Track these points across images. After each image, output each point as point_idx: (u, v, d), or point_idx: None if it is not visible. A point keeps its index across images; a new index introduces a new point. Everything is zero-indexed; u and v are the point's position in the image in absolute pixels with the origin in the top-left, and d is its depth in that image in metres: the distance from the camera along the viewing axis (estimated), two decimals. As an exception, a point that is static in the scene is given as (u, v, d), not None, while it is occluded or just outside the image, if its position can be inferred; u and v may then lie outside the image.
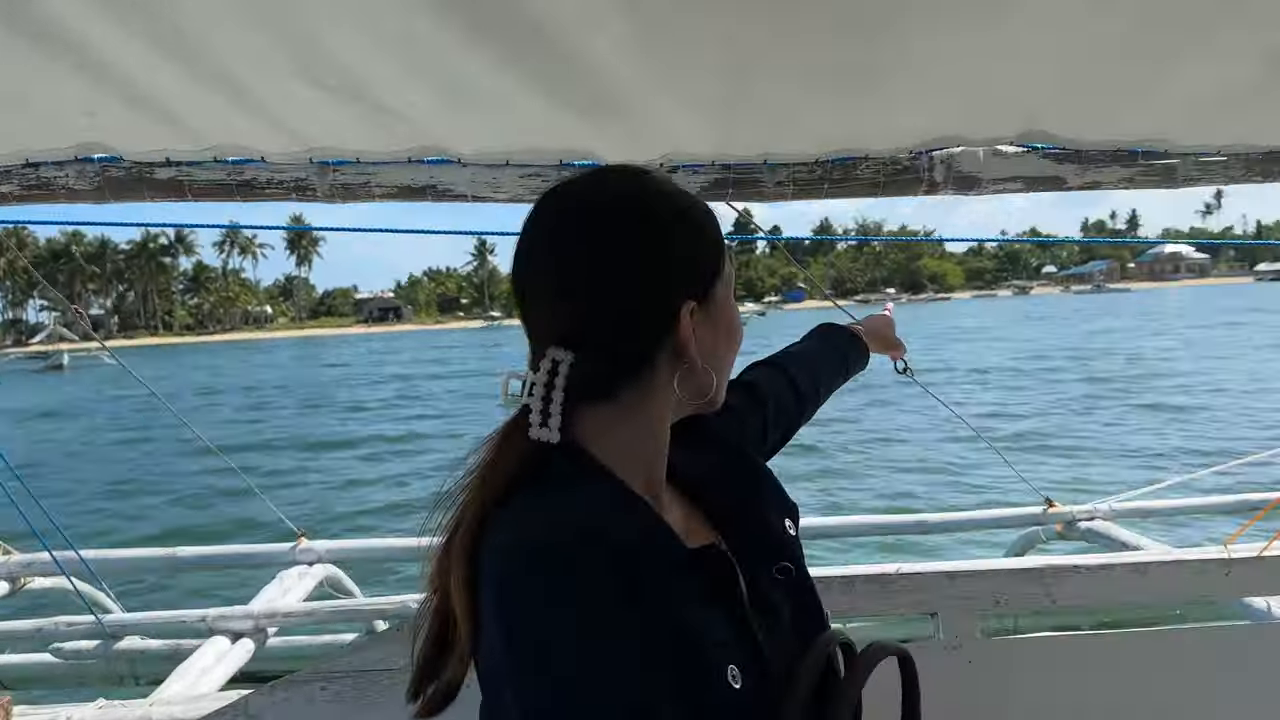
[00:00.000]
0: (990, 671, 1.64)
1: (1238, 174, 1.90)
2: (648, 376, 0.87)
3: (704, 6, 1.29)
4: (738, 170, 1.84)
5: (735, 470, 1.05)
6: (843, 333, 1.58)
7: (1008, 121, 1.75)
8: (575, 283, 0.86)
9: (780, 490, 1.07)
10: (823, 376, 1.45)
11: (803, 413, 1.37)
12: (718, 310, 0.92)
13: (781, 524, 1.02)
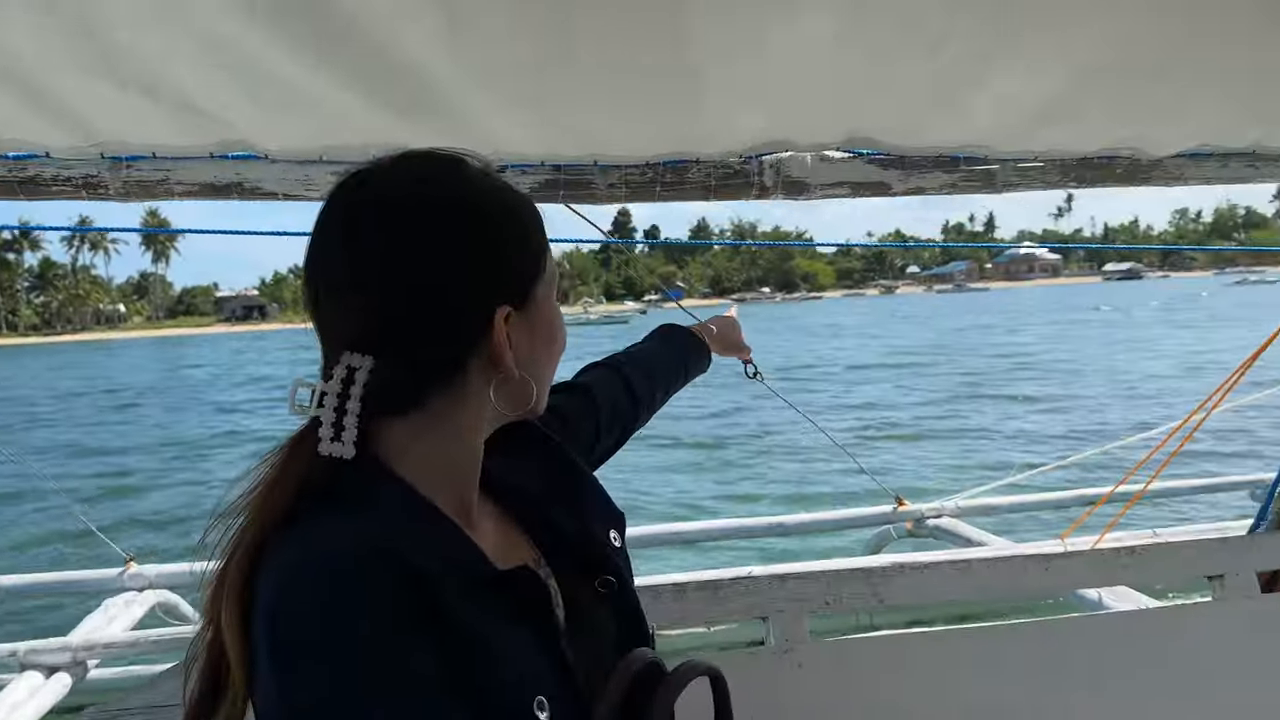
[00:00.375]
0: (820, 674, 1.64)
1: (1054, 180, 1.97)
2: (458, 385, 0.81)
3: (517, 3, 1.24)
4: (569, 171, 1.79)
5: (558, 480, 1.00)
6: (684, 335, 1.55)
7: (833, 127, 1.77)
8: (370, 280, 0.78)
9: (605, 500, 1.03)
10: (661, 379, 1.41)
11: (638, 416, 1.34)
12: (537, 314, 0.86)
13: (606, 535, 0.98)
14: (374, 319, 0.78)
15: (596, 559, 0.94)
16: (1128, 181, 1.96)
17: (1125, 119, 1.79)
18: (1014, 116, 1.76)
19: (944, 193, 1.94)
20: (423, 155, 0.87)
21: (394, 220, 0.79)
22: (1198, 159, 1.95)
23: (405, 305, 0.78)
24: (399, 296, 0.78)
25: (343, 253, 0.80)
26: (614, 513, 1.02)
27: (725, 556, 5.22)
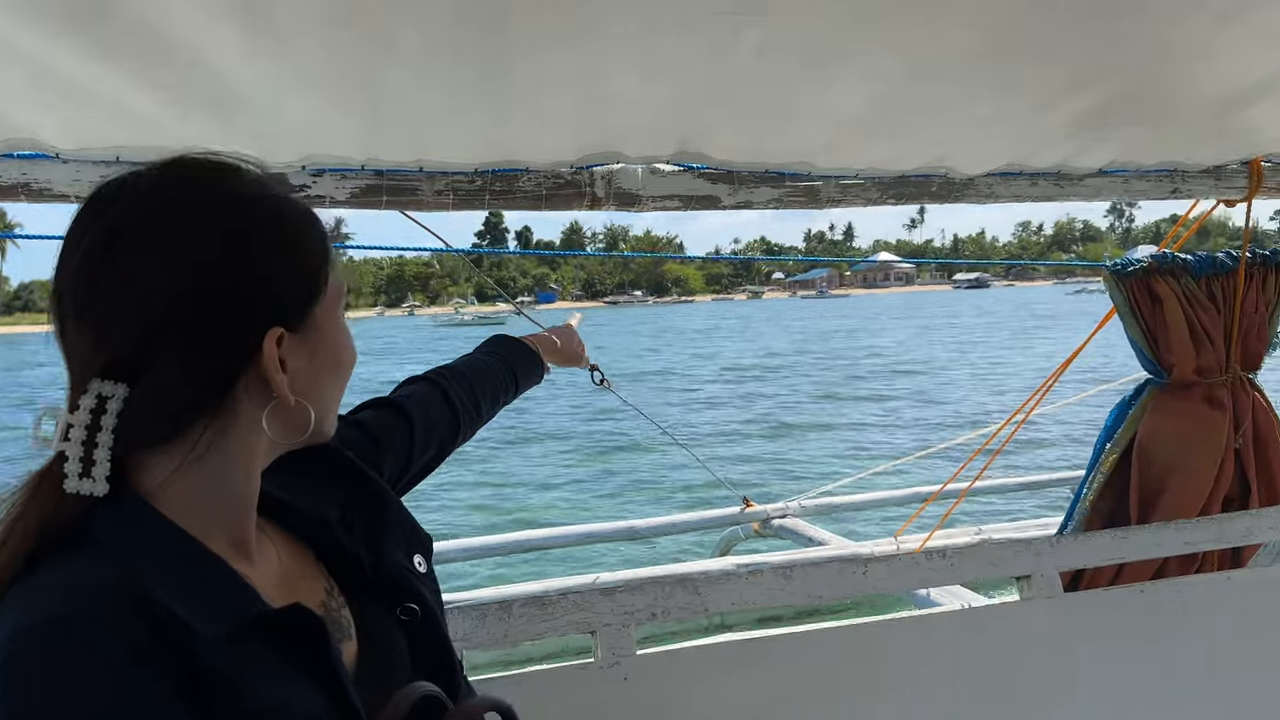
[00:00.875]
0: (647, 686, 1.64)
1: (874, 196, 2.04)
2: (225, 413, 0.75)
3: (329, 5, 1.18)
4: (392, 177, 1.74)
5: (359, 506, 0.95)
6: (515, 346, 1.51)
7: (662, 141, 1.78)
8: (123, 299, 0.71)
9: (410, 525, 0.99)
10: (486, 392, 1.37)
11: (459, 430, 1.29)
12: (318, 336, 0.80)
13: (410, 561, 0.94)
14: (126, 342, 0.71)
15: (397, 586, 0.91)
16: (943, 199, 2.06)
17: (938, 140, 1.88)
18: (835, 136, 1.82)
19: (771, 207, 1.99)
20: (189, 163, 0.79)
21: (149, 235, 0.72)
22: (1007, 178, 2.07)
23: (160, 327, 0.71)
24: (153, 318, 0.71)
25: (92, 269, 0.72)
26: (420, 538, 0.98)
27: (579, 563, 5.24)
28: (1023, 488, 4.66)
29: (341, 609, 0.86)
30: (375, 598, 0.89)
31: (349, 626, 0.85)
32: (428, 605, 0.92)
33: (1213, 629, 1.90)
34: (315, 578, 0.87)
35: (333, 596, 0.86)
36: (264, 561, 0.81)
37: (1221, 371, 2.15)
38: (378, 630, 0.87)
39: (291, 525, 0.89)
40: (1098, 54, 1.53)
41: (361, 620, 0.87)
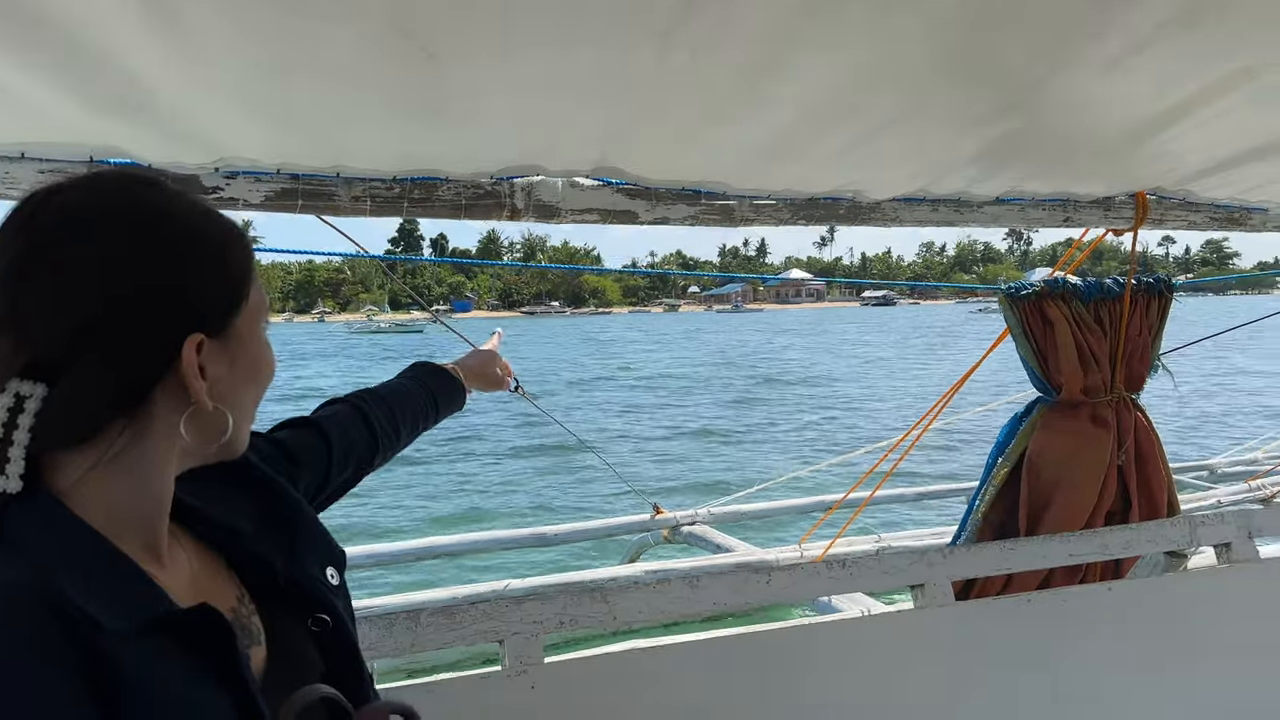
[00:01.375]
0: (554, 694, 1.65)
1: (786, 217, 2.11)
2: (142, 416, 0.76)
3: (240, 4, 1.17)
4: (308, 181, 1.72)
5: (274, 518, 0.96)
6: (436, 373, 1.54)
7: (582, 156, 1.80)
8: (46, 306, 0.73)
9: (325, 538, 1.00)
10: (406, 416, 1.39)
11: (378, 452, 1.31)
12: (239, 346, 0.83)
13: (322, 573, 0.95)
14: (47, 345, 0.72)
15: (309, 597, 0.92)
16: (850, 221, 2.14)
17: (847, 167, 1.95)
18: (749, 159, 1.88)
19: (687, 224, 2.03)
20: (115, 174, 0.83)
21: (73, 244, 0.74)
22: (911, 203, 2.16)
23: (81, 330, 0.73)
24: (75, 323, 0.73)
25: (17, 275, 0.74)
26: (334, 551, 1.00)
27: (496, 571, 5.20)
28: (921, 498, 4.84)
29: (252, 616, 0.87)
30: (287, 608, 0.91)
31: (259, 634, 0.86)
32: (339, 616, 0.93)
33: (1093, 636, 2.02)
34: (226, 585, 0.88)
35: (243, 604, 0.87)
36: (175, 566, 0.82)
37: (1107, 392, 2.28)
38: (288, 639, 0.88)
39: (204, 533, 0.90)
40: (998, 92, 1.62)
41: (272, 629, 0.88)
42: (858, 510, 3.02)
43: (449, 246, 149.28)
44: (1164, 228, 2.33)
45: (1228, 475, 5.47)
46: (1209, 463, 5.81)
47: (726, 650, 1.82)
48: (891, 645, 1.92)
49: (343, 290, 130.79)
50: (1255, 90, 1.68)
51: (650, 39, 1.34)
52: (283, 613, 0.90)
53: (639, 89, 1.51)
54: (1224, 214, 2.37)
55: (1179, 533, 2.18)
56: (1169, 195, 2.29)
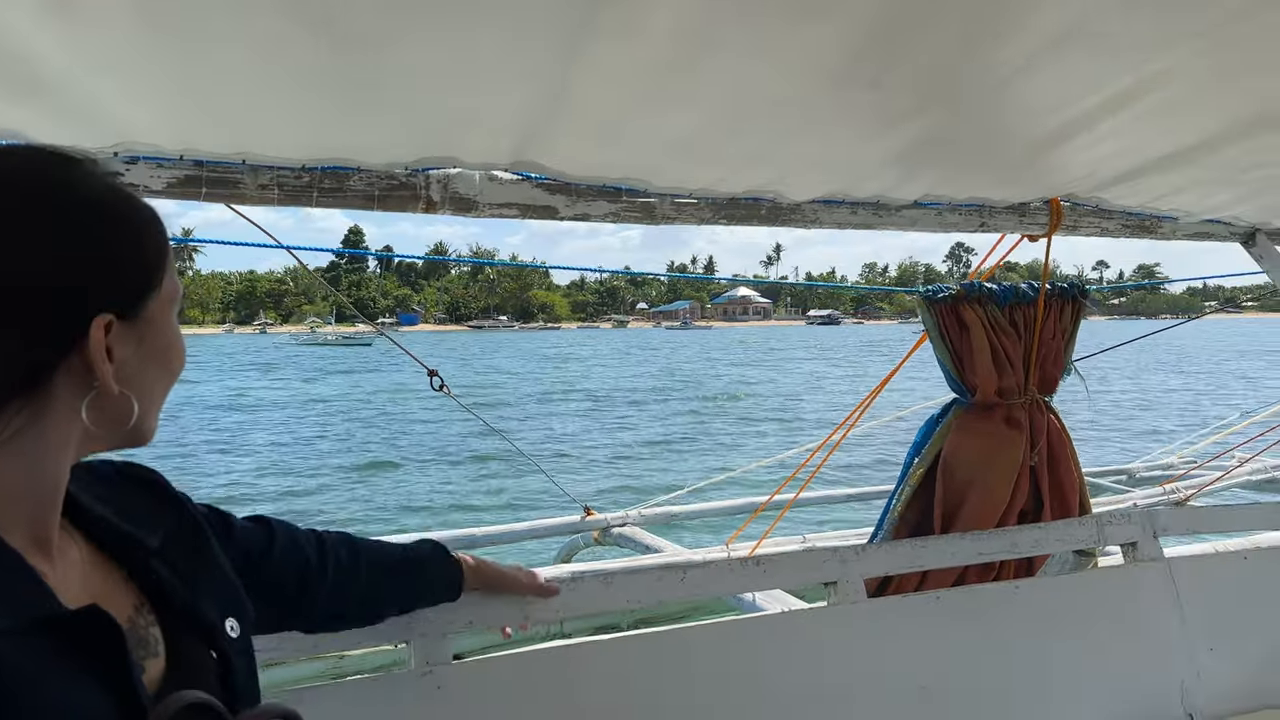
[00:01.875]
0: (460, 695, 1.63)
1: (708, 216, 2.12)
2: (41, 396, 0.74)
3: None
4: (213, 168, 1.68)
5: (179, 542, 0.94)
6: (446, 565, 1.50)
7: (498, 147, 1.79)
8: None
9: (232, 590, 0.98)
10: (383, 593, 1.39)
11: (323, 582, 1.25)
12: (151, 331, 0.81)
13: (221, 621, 0.92)
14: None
15: (207, 633, 0.90)
16: (771, 222, 2.15)
17: (767, 167, 1.97)
18: (668, 156, 1.88)
19: (608, 220, 2.03)
20: (29, 149, 0.82)
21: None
22: (830, 205, 2.18)
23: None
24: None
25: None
26: (241, 606, 0.98)
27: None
28: (848, 499, 4.90)
29: (150, 628, 0.85)
30: (192, 627, 0.89)
31: (157, 645, 0.84)
32: (234, 667, 0.91)
33: (1000, 632, 2.05)
34: (123, 592, 0.85)
35: (141, 615, 0.85)
36: (65, 564, 0.80)
37: (1020, 394, 2.33)
38: (190, 657, 0.86)
39: (106, 540, 0.87)
40: (908, 96, 1.65)
41: (174, 644, 0.86)
42: (783, 510, 3.05)
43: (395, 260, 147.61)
44: (1078, 234, 2.39)
45: (1145, 479, 5.64)
46: (1127, 467, 5.99)
47: (639, 649, 1.81)
48: (805, 642, 1.92)
49: (285, 302, 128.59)
50: (1159, 100, 1.73)
51: (561, 30, 1.33)
52: (187, 632, 0.88)
53: (551, 81, 1.50)
54: (1135, 221, 2.44)
55: (1086, 532, 2.23)
56: (1082, 202, 2.35)
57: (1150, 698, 2.14)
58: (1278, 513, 2.53)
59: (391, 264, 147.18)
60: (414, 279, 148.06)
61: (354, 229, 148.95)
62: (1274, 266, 2.63)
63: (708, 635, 1.86)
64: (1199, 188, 2.24)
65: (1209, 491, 4.84)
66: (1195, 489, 4.81)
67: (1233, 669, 2.22)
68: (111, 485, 0.91)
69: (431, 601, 1.53)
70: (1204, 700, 2.17)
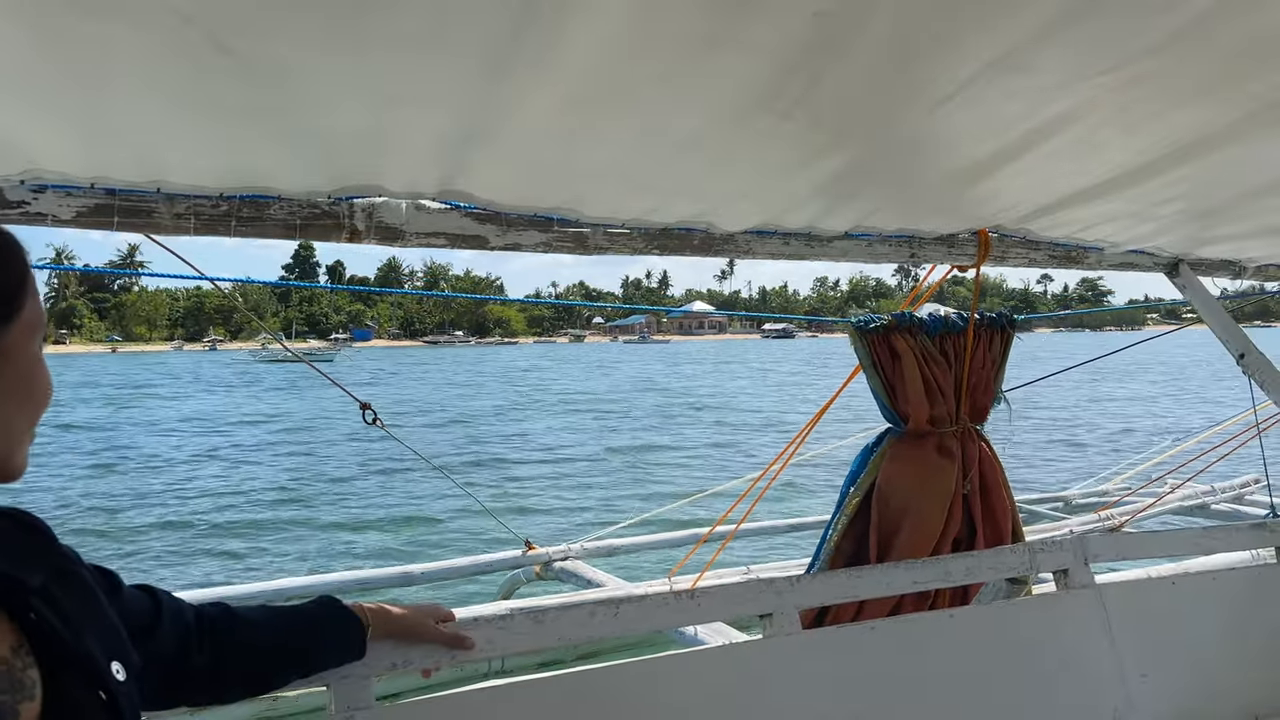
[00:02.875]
0: None
1: (640, 246, 2.10)
2: None
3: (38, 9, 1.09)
4: (125, 197, 1.63)
5: (62, 583, 0.91)
6: (343, 626, 1.44)
7: (423, 176, 1.76)
8: None
9: (115, 632, 0.95)
10: (269, 663, 1.33)
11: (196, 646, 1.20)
12: (6, 363, 0.78)
13: (106, 664, 0.89)
14: None
15: (93, 673, 0.87)
16: (704, 252, 2.15)
17: (697, 198, 1.96)
18: (598, 187, 1.87)
19: (539, 250, 2.01)
20: None
21: None
22: (763, 236, 2.18)
23: None
24: None
25: None
26: (123, 649, 0.94)
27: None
28: (791, 529, 4.90)
29: (28, 669, 0.82)
30: (74, 670, 0.85)
31: (33, 687, 0.81)
32: (118, 704, 0.87)
33: (934, 661, 2.05)
34: (2, 632, 0.82)
35: (19, 656, 0.82)
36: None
37: (952, 422, 2.35)
38: (71, 699, 0.83)
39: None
40: (829, 130, 1.66)
41: (54, 687, 0.83)
42: (725, 541, 3.03)
43: (346, 274, 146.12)
44: (1006, 264, 2.43)
45: (1080, 506, 5.74)
46: (1064, 494, 6.09)
47: (572, 687, 1.78)
48: (740, 675, 1.90)
49: (235, 318, 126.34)
50: (1077, 135, 1.76)
51: (477, 63, 1.31)
52: (71, 675, 0.84)
53: (471, 112, 1.48)
54: (1062, 252, 2.48)
55: (1019, 559, 2.25)
56: (1009, 233, 2.38)
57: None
58: (1205, 538, 2.57)
59: (342, 279, 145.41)
60: (366, 294, 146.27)
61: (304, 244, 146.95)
62: (1196, 296, 2.69)
63: (642, 671, 1.83)
64: (1121, 219, 2.29)
65: (1143, 517, 4.94)
66: (1129, 515, 4.90)
67: (1164, 695, 2.25)
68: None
69: (333, 663, 1.47)
70: None
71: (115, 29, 1.16)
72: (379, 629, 1.50)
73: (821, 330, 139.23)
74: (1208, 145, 1.84)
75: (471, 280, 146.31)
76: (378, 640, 1.51)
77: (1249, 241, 2.66)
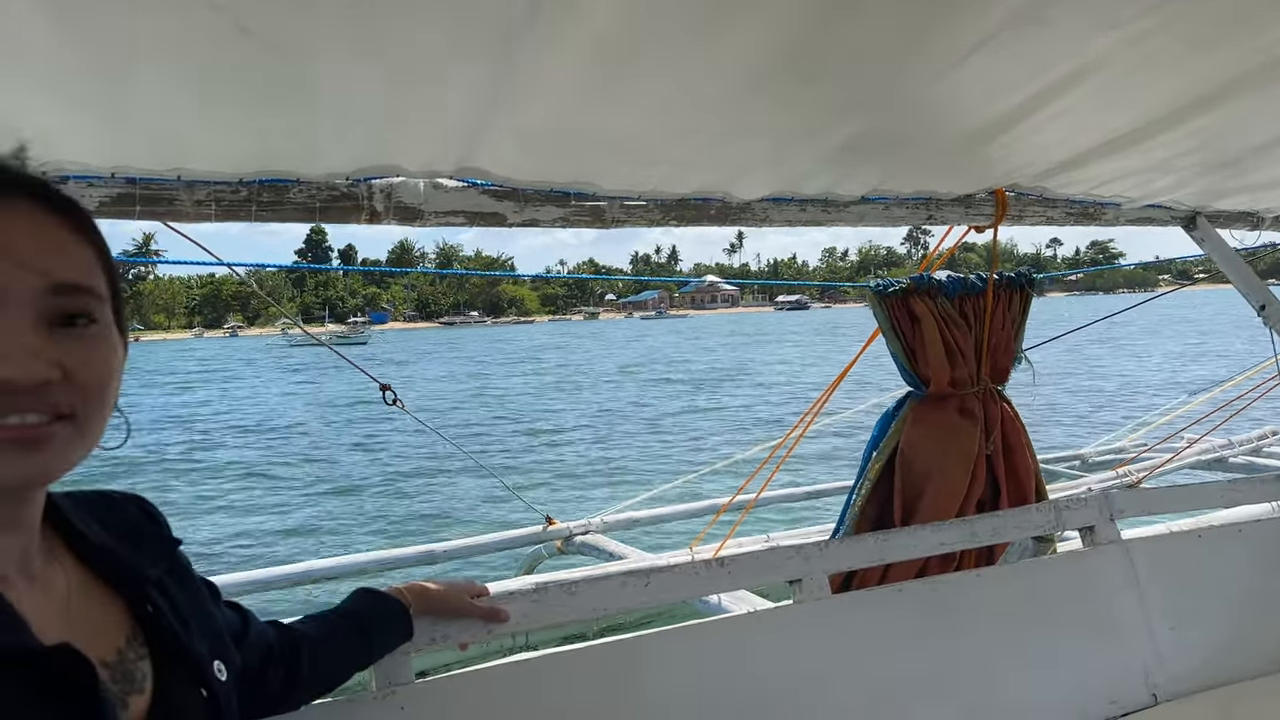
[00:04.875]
0: (424, 715, 1.61)
1: (657, 218, 2.11)
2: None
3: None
4: (146, 185, 1.64)
5: (177, 580, 0.94)
6: (388, 618, 1.49)
7: (442, 155, 1.76)
8: None
9: (219, 635, 0.98)
10: (329, 662, 1.37)
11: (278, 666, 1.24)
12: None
13: (210, 664, 0.91)
14: None
15: (199, 670, 0.89)
16: (721, 221, 2.15)
17: (715, 166, 1.96)
18: (615, 159, 1.87)
19: (557, 225, 2.01)
20: None
21: None
22: (779, 203, 2.18)
23: None
24: None
25: None
26: (226, 650, 0.97)
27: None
28: (808, 496, 4.90)
29: (140, 660, 0.83)
30: (183, 664, 0.87)
31: (144, 680, 0.82)
32: (220, 704, 0.90)
33: (964, 621, 2.06)
34: (116, 623, 0.84)
35: (133, 647, 0.83)
36: (47, 594, 0.78)
37: (973, 384, 2.34)
38: (177, 695, 0.85)
39: (103, 567, 0.86)
40: (842, 91, 1.65)
41: (162, 680, 0.84)
42: (745, 510, 3.05)
43: (358, 257, 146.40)
44: (1024, 223, 2.41)
45: (1098, 464, 5.70)
46: (1080, 453, 6.04)
47: (606, 658, 1.80)
48: (772, 641, 1.92)
49: (252, 304, 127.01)
50: (1094, 87, 1.74)
51: (493, 36, 1.31)
52: (178, 669, 0.86)
53: (487, 86, 1.48)
54: (1079, 209, 2.46)
55: (1044, 518, 2.25)
56: (1026, 192, 2.36)
57: (1114, 679, 2.17)
58: (1230, 491, 2.57)
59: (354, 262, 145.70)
60: (379, 277, 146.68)
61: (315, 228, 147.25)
62: (1214, 249, 2.67)
63: (674, 640, 1.86)
64: (1138, 174, 2.27)
65: (1160, 473, 4.92)
66: (1147, 471, 4.88)
67: (1194, 648, 2.26)
68: (115, 510, 0.91)
69: (388, 650, 1.52)
70: (1167, 679, 2.20)
71: (137, 14, 1.17)
72: (418, 608, 1.54)
73: (835, 300, 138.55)
74: (1225, 95, 1.82)
75: (483, 260, 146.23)
76: (417, 617, 1.54)
77: (1268, 192, 2.63)
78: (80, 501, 0.87)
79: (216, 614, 1.00)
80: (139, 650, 0.84)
